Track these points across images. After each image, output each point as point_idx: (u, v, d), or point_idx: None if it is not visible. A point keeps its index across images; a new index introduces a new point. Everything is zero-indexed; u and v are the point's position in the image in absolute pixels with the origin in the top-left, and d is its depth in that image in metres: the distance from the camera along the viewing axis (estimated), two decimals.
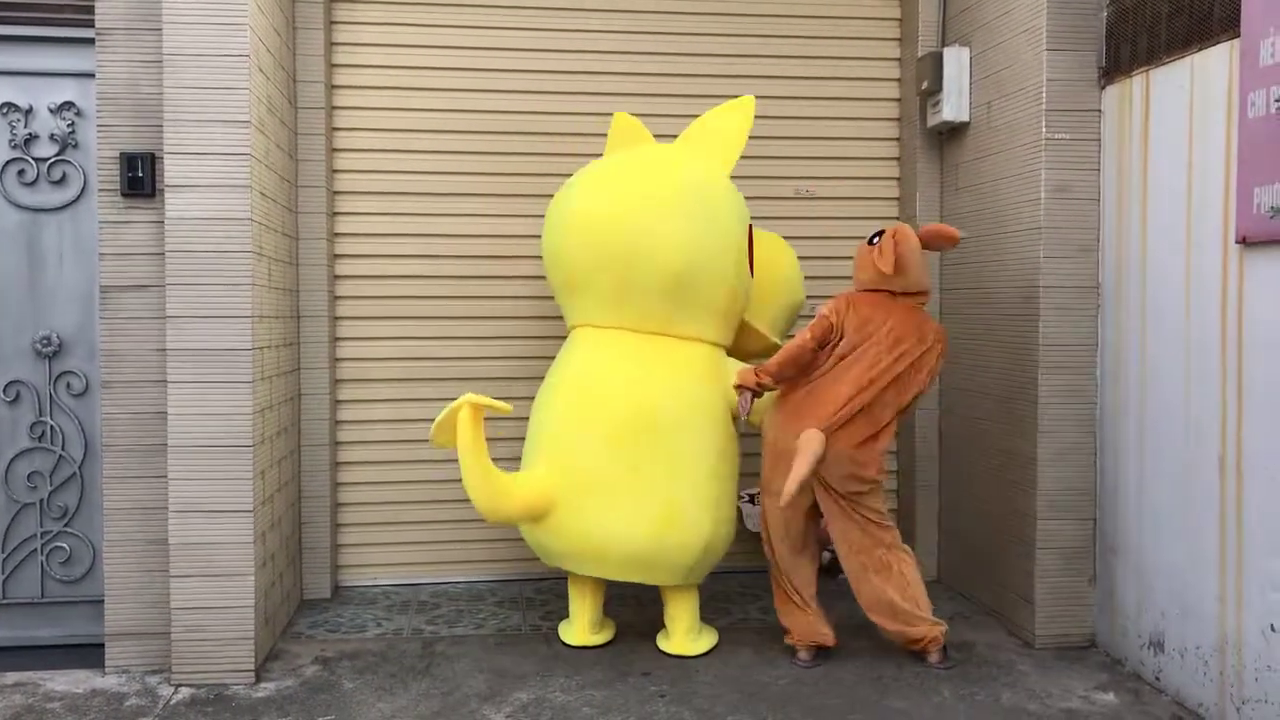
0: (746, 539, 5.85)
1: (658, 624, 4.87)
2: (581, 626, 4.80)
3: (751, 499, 5.80)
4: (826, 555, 5.15)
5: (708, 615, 5.07)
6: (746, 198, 5.74)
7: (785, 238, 5.84)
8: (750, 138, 5.72)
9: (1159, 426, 4.33)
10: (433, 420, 5.62)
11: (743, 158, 5.46)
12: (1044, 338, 4.70)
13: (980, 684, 4.39)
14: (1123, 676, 4.47)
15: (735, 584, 5.72)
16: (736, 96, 5.76)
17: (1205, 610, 4.06)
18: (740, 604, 5.42)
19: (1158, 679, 4.34)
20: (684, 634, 4.72)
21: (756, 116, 5.81)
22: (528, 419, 4.89)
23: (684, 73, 5.84)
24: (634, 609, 5.26)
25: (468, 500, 5.71)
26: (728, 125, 4.95)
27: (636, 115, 5.64)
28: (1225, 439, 3.93)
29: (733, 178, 5.09)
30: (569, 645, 4.79)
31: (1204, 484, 4.06)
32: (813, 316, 4.70)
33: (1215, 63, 3.98)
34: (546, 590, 5.63)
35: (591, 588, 4.80)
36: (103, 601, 4.51)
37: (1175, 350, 4.22)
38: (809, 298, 5.59)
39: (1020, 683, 4.40)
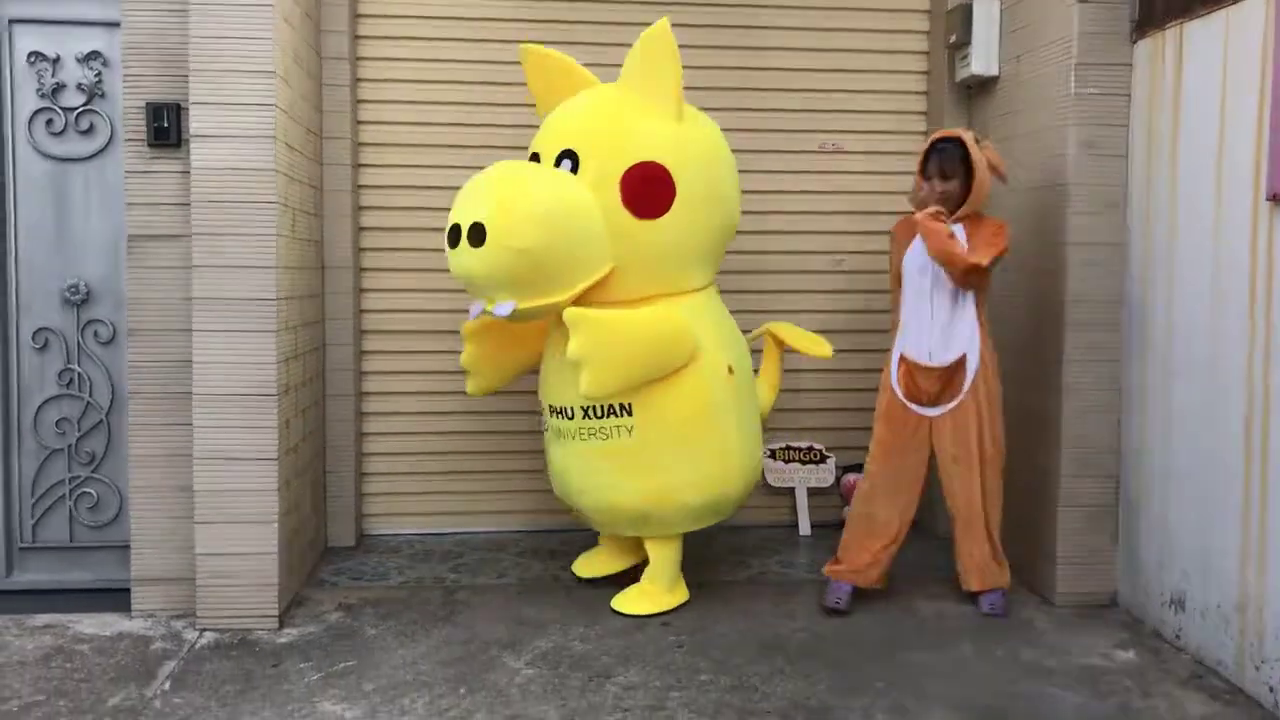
0: (767, 494, 5.88)
1: (686, 577, 4.87)
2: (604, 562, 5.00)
3: (772, 454, 5.81)
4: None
5: (728, 569, 5.09)
6: (772, 152, 5.73)
7: (812, 194, 5.83)
8: (777, 90, 5.71)
9: (1185, 384, 4.30)
10: (455, 371, 5.66)
11: (768, 111, 5.42)
12: (1070, 294, 4.65)
13: (1000, 640, 4.39)
14: (1143, 635, 4.47)
15: (754, 538, 5.73)
16: (763, 49, 5.72)
17: (1227, 569, 4.04)
18: (759, 558, 5.43)
19: (1178, 637, 4.34)
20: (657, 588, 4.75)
21: (783, 70, 5.79)
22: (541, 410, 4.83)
23: (707, 24, 5.73)
24: None
25: (493, 451, 5.80)
26: (661, 63, 4.38)
27: None
28: (1252, 397, 3.89)
29: (759, 131, 5.03)
30: (583, 579, 4.96)
31: (1229, 442, 4.03)
32: None
33: (1251, 17, 3.90)
34: (569, 541, 5.66)
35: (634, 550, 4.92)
36: (129, 547, 4.57)
37: (1203, 308, 4.18)
38: (850, 252, 5.75)
39: (1040, 640, 4.41)
